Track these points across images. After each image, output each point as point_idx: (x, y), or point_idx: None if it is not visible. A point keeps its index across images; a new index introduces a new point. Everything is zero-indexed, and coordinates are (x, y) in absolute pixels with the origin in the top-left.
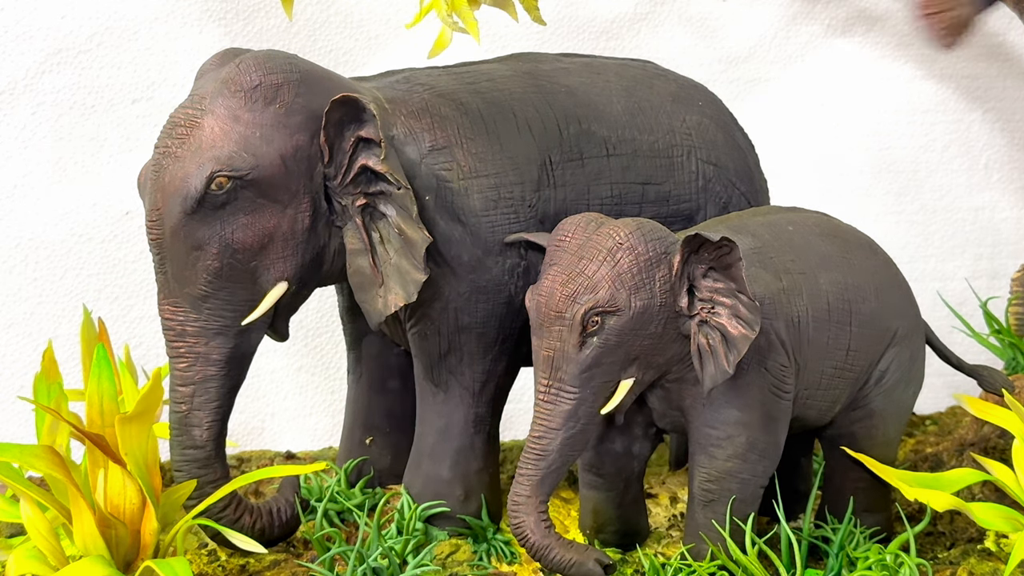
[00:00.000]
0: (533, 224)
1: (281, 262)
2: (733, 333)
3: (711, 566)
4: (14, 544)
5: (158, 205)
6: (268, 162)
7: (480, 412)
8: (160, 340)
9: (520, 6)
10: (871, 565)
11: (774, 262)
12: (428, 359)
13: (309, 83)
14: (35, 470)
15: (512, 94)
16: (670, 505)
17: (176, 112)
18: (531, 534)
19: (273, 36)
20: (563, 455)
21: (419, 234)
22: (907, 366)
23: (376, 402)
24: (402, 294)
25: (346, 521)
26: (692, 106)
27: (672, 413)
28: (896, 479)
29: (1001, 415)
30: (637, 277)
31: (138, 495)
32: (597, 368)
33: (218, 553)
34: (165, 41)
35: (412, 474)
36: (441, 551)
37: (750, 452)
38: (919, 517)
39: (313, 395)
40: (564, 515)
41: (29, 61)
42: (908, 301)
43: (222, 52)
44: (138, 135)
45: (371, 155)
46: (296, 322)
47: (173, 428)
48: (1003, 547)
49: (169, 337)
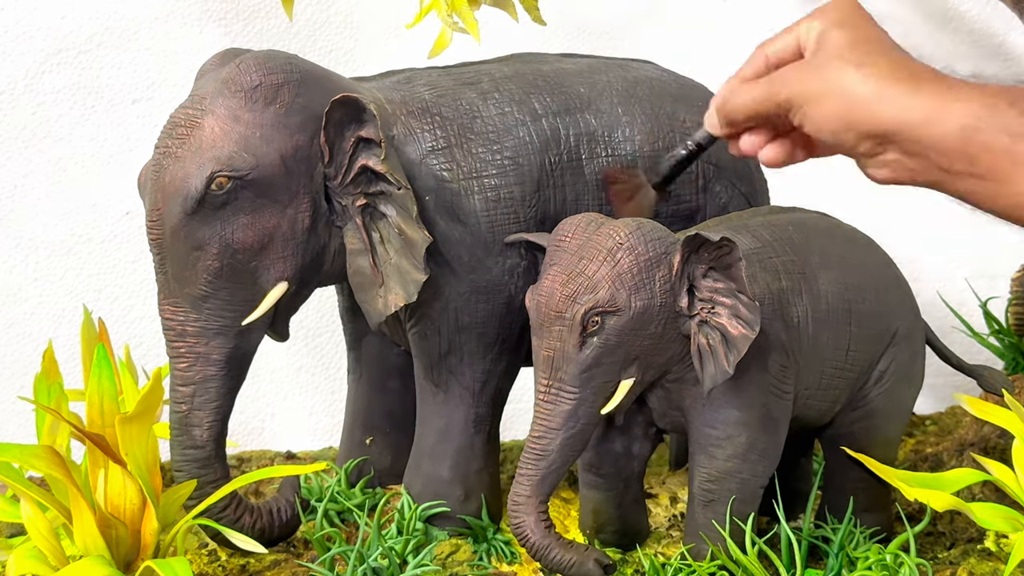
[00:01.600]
0: (533, 224)
1: (281, 262)
2: (733, 333)
3: (711, 566)
4: (14, 544)
5: (158, 205)
6: (268, 162)
7: (480, 412)
8: (160, 340)
9: (520, 6)
10: (871, 565)
11: (774, 262)
12: (428, 359)
13: (309, 83)
14: (35, 470)
15: (512, 94)
16: (670, 505)
17: (176, 112)
18: (531, 534)
19: (273, 36)
20: (563, 455)
21: (419, 234)
22: (907, 366)
23: (376, 402)
24: (402, 294)
25: (346, 521)
26: (692, 106)
27: (672, 413)
28: (896, 479)
29: (1001, 415)
30: (637, 277)
31: (138, 495)
32: (597, 368)
33: (218, 553)
34: (165, 41)
35: (412, 474)
36: (441, 551)
37: (750, 452)
38: (919, 517)
39: (313, 395)
40: (564, 515)
41: (29, 61)
42: (908, 301)
43: (222, 52)
44: (138, 135)
45: (371, 155)
46: (296, 322)
47: (173, 428)
48: (1003, 547)
49: (169, 337)
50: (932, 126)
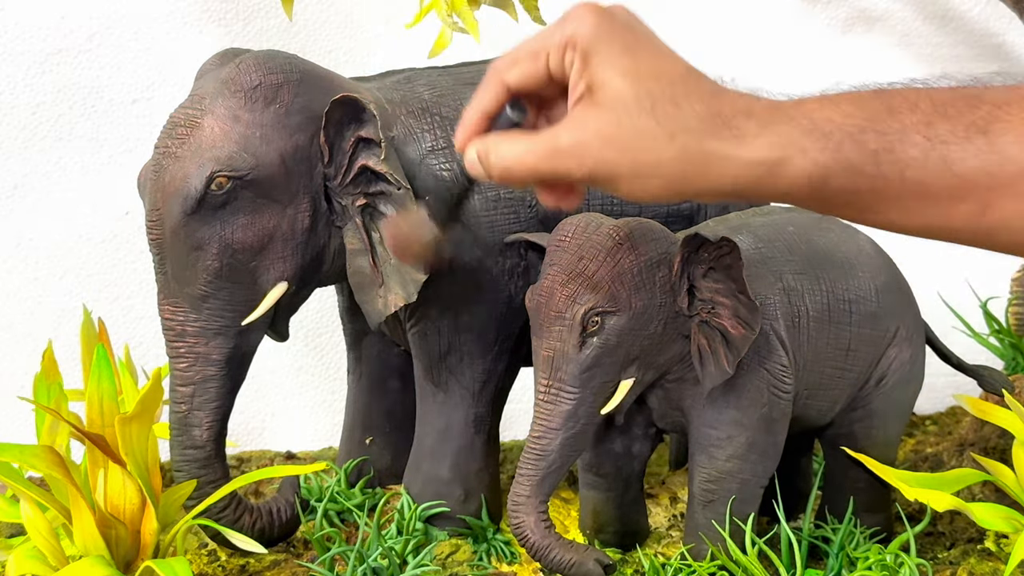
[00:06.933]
0: (533, 224)
1: (281, 262)
2: (733, 333)
3: (711, 566)
4: (14, 544)
5: (158, 205)
6: (268, 162)
7: (480, 412)
8: (160, 340)
9: (520, 6)
10: (871, 565)
11: (774, 262)
12: (428, 359)
13: (309, 83)
14: (35, 470)
15: None
16: (670, 505)
17: (176, 112)
18: (531, 534)
19: (273, 36)
20: (563, 455)
21: None
22: (907, 366)
23: (376, 402)
24: (402, 294)
25: (346, 521)
26: None
27: (672, 413)
28: (896, 479)
29: (1001, 415)
30: (637, 277)
31: (138, 495)
32: (597, 368)
33: (218, 553)
34: (165, 41)
35: (412, 474)
36: (441, 551)
37: (750, 452)
38: (919, 517)
39: (313, 395)
40: (564, 515)
41: (29, 61)
42: (908, 301)
43: (222, 52)
44: (138, 135)
45: (371, 155)
46: (296, 322)
47: (173, 428)
48: (1003, 547)
49: (169, 337)
50: (776, 180)
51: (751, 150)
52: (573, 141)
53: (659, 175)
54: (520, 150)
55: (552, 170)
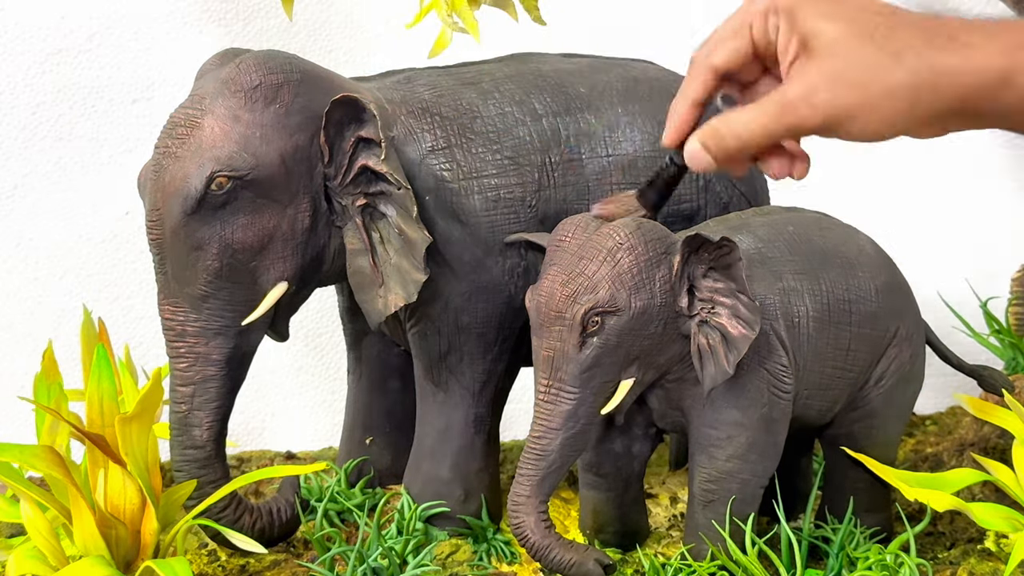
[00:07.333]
0: (533, 224)
1: (281, 262)
2: (733, 333)
3: (711, 566)
4: (14, 544)
5: (158, 205)
6: (268, 162)
7: (480, 412)
8: (160, 340)
9: (520, 6)
10: (871, 565)
11: (774, 262)
12: (428, 359)
13: (309, 83)
14: (35, 470)
15: (512, 94)
16: (670, 505)
17: (176, 112)
18: (531, 534)
19: (273, 36)
20: (563, 455)
21: (419, 234)
22: (907, 366)
23: (376, 402)
24: (402, 294)
25: (346, 521)
26: None
27: (672, 413)
28: (896, 479)
29: (1001, 415)
30: (637, 277)
31: (138, 495)
32: (597, 368)
33: (218, 553)
34: (165, 41)
35: (412, 474)
36: (441, 551)
37: (750, 452)
38: (919, 517)
39: (313, 395)
40: (564, 515)
41: (29, 61)
42: (908, 301)
43: (222, 52)
44: (138, 135)
45: (371, 155)
46: (296, 322)
47: (173, 428)
48: (1003, 547)
49: (169, 337)
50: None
51: (981, 57)
52: (802, 90)
53: (892, 100)
54: (749, 116)
55: (786, 126)
